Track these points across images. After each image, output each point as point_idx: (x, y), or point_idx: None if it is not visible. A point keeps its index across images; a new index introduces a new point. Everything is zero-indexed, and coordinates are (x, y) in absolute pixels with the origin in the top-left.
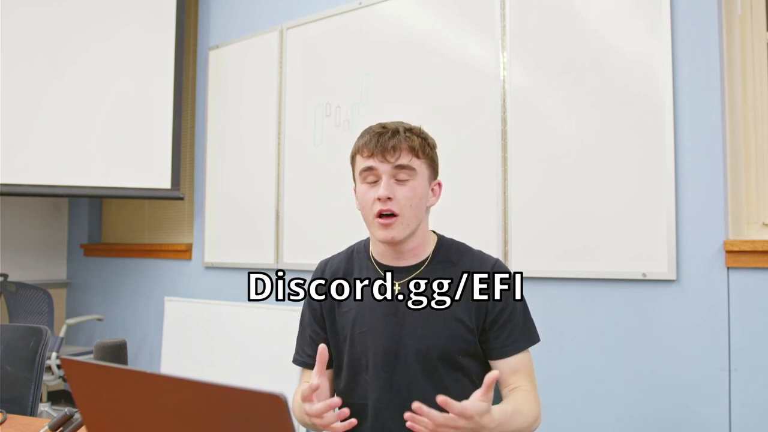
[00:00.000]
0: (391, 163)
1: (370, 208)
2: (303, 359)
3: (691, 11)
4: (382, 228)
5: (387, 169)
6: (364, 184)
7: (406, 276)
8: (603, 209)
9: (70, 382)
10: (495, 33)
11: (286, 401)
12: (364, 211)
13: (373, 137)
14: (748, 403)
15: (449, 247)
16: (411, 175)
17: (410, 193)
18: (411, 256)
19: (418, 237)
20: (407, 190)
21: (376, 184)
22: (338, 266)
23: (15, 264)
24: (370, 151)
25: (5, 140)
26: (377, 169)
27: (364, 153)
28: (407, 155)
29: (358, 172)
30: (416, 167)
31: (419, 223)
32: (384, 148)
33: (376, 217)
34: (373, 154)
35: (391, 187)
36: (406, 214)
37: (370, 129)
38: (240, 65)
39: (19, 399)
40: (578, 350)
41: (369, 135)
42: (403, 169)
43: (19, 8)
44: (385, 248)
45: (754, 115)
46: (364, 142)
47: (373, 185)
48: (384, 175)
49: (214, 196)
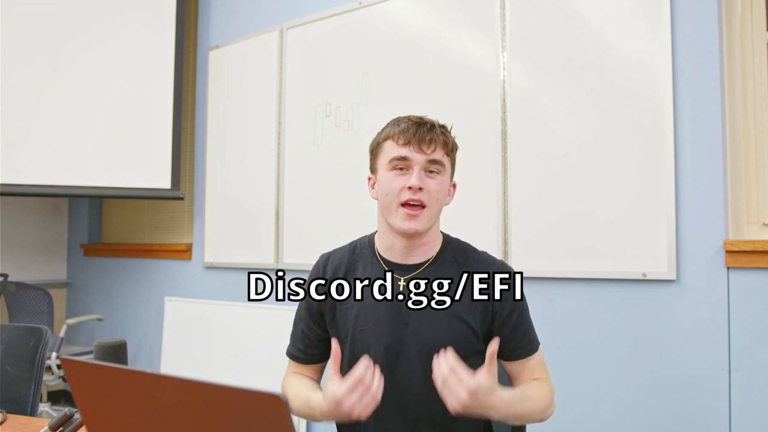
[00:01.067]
0: (426, 155)
1: (396, 196)
2: (293, 352)
3: (691, 11)
4: (407, 218)
5: (421, 160)
6: (392, 171)
7: (412, 273)
8: (603, 209)
9: (70, 382)
10: (495, 33)
11: (286, 401)
12: (388, 198)
13: (412, 126)
14: (748, 403)
15: (455, 247)
16: (440, 171)
17: (439, 187)
18: (420, 253)
19: (431, 233)
20: (437, 183)
21: (405, 173)
22: (340, 261)
23: (15, 264)
24: (407, 140)
25: (5, 140)
26: (411, 159)
27: (400, 140)
28: (441, 150)
29: (388, 159)
30: (446, 164)
31: (437, 219)
32: (422, 139)
33: (401, 206)
34: (410, 142)
35: (423, 178)
36: (433, 207)
37: (406, 118)
38: (240, 65)
39: (19, 399)
40: (578, 350)
41: (406, 123)
42: (435, 164)
43: (18, 7)
44: (396, 242)
45: (754, 115)
46: (401, 129)
47: (401, 174)
48: (416, 165)
49: (214, 196)
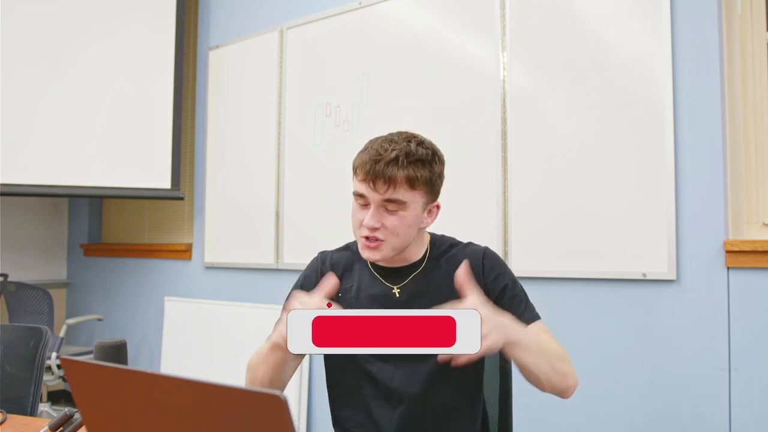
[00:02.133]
0: (380, 195)
1: (357, 228)
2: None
3: (691, 11)
4: (366, 249)
5: (377, 199)
6: (356, 203)
7: (403, 276)
8: (603, 209)
9: (70, 382)
10: (495, 33)
11: (286, 401)
12: (353, 227)
13: (370, 161)
14: (748, 403)
15: (441, 243)
16: (401, 207)
17: (398, 222)
18: (402, 261)
19: (409, 250)
20: (396, 219)
21: (366, 207)
22: (339, 260)
23: (15, 264)
24: (364, 175)
25: (5, 140)
26: (367, 197)
27: (359, 175)
28: (400, 188)
29: (353, 190)
30: (407, 200)
31: (408, 244)
32: (376, 177)
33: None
34: (365, 179)
35: (380, 216)
36: (391, 240)
37: (372, 147)
38: (240, 65)
39: (19, 399)
40: (578, 350)
41: (367, 156)
42: (391, 203)
43: (18, 7)
44: None
45: (754, 115)
46: (361, 162)
47: (362, 208)
48: (373, 204)
49: (214, 196)
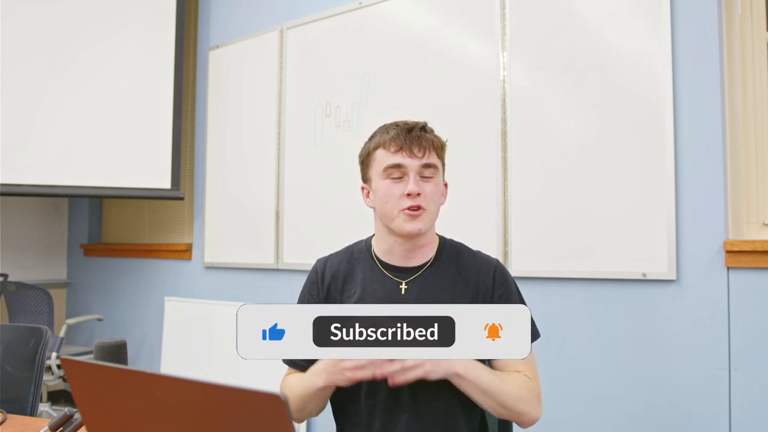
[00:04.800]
0: (420, 160)
1: (396, 203)
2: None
3: (691, 11)
4: (410, 219)
5: (415, 165)
6: (387, 179)
7: (412, 275)
8: (603, 209)
9: (70, 382)
10: (495, 33)
11: (286, 401)
12: (387, 206)
13: (402, 132)
14: (748, 403)
15: (451, 247)
16: (434, 173)
17: (435, 189)
18: (419, 255)
19: (429, 235)
20: (432, 186)
21: (401, 180)
22: (338, 266)
23: (15, 264)
24: (398, 146)
25: (5, 140)
26: (405, 165)
27: (392, 148)
28: (433, 152)
29: (382, 167)
30: (438, 166)
31: (436, 219)
32: (413, 144)
33: (402, 211)
34: (402, 149)
35: (419, 183)
36: (431, 209)
37: (393, 124)
38: (240, 65)
39: (19, 399)
40: (578, 350)
41: (395, 130)
42: (429, 168)
43: (18, 7)
44: (396, 246)
45: (754, 115)
46: (392, 136)
47: (398, 181)
48: (412, 171)
49: (214, 196)
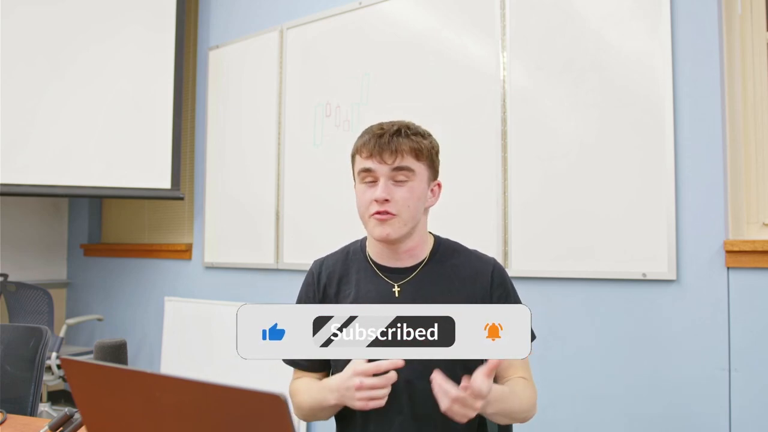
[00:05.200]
0: (389, 165)
1: (366, 208)
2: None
3: (691, 11)
4: (378, 224)
5: (385, 171)
6: (362, 184)
7: (405, 277)
8: (603, 209)
9: (70, 382)
10: (495, 33)
11: (286, 401)
12: (360, 210)
13: (372, 138)
14: (748, 403)
15: (446, 247)
16: (409, 177)
17: (408, 194)
18: (408, 257)
19: (415, 238)
20: (405, 190)
21: (374, 184)
22: (334, 267)
23: (15, 264)
24: (368, 152)
25: (5, 140)
26: (375, 171)
27: (363, 153)
28: (407, 157)
29: (357, 172)
30: (415, 168)
31: (417, 224)
32: (382, 150)
33: (372, 216)
34: (371, 155)
35: (389, 189)
36: (403, 214)
37: (370, 129)
38: (240, 65)
39: (19, 399)
40: (578, 350)
41: (368, 135)
42: (401, 171)
43: (18, 7)
44: (383, 248)
45: (754, 115)
46: (363, 142)
47: (371, 185)
48: (382, 177)
49: (214, 196)
